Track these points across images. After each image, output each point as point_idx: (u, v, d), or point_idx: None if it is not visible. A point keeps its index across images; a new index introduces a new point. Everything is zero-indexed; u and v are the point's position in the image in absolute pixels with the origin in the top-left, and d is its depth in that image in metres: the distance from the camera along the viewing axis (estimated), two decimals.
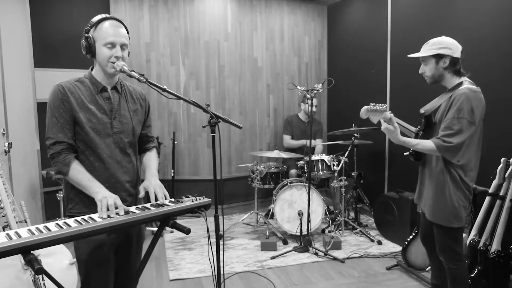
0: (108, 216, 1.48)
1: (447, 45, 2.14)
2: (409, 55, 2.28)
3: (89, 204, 1.65)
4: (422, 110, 2.23)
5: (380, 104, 2.08)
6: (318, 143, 4.78)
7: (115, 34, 1.67)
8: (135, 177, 1.85)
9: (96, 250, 1.68)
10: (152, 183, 1.73)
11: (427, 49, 2.17)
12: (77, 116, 1.67)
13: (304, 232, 3.65)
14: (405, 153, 2.53)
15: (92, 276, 1.71)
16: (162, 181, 1.83)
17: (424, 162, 2.30)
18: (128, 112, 1.81)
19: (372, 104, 2.08)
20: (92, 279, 1.72)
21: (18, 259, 2.23)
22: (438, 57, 2.13)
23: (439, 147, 2.04)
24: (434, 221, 2.20)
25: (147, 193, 1.73)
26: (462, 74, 2.17)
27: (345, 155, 4.01)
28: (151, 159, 1.94)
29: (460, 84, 2.13)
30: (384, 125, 2.10)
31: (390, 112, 2.12)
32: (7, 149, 2.90)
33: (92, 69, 1.78)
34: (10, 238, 1.25)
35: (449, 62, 2.12)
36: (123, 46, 1.70)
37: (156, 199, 1.68)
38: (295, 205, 3.80)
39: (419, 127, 2.31)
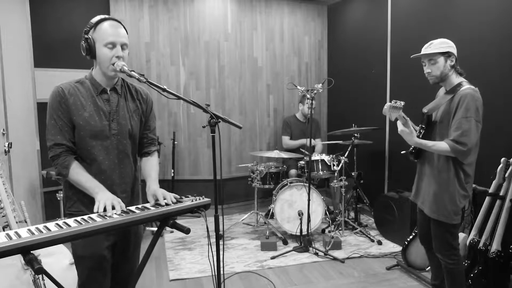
0: (107, 216, 1.48)
1: (451, 44, 2.21)
2: (420, 54, 2.25)
3: (87, 203, 1.65)
4: (425, 110, 2.28)
5: (400, 102, 2.12)
6: (318, 143, 4.79)
7: (115, 34, 1.67)
8: (132, 178, 1.85)
9: (92, 246, 1.69)
10: (159, 190, 1.73)
11: (437, 47, 2.19)
12: (74, 119, 1.67)
13: (304, 232, 3.65)
14: (402, 152, 2.55)
15: (89, 272, 1.72)
16: (162, 181, 1.83)
17: (424, 159, 2.33)
18: (127, 112, 1.80)
19: (393, 101, 2.12)
20: (89, 275, 1.72)
21: (18, 259, 2.23)
22: (447, 55, 2.18)
23: (454, 149, 2.09)
24: (435, 217, 2.24)
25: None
26: (461, 75, 2.24)
27: (345, 155, 4.01)
28: (152, 168, 1.89)
29: (460, 84, 2.17)
30: (400, 128, 2.18)
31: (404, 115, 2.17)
32: (7, 149, 2.90)
33: (92, 70, 1.78)
34: (10, 238, 1.25)
35: (455, 61, 2.19)
36: (123, 46, 1.69)
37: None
38: (295, 205, 3.80)
39: (420, 125, 2.33)
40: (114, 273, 1.82)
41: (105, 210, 1.51)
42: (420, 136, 2.27)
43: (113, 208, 1.53)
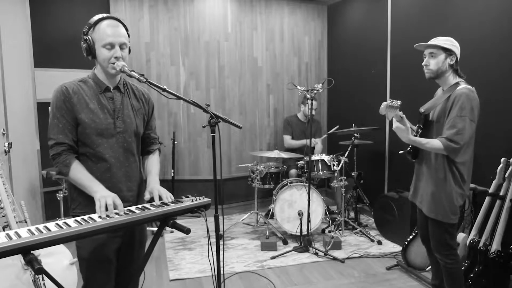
0: (108, 216, 1.47)
1: (456, 44, 2.22)
2: (423, 43, 2.26)
3: (92, 204, 1.64)
4: (422, 109, 2.29)
5: (396, 101, 2.12)
6: (318, 142, 4.78)
7: (113, 34, 1.66)
8: (138, 177, 1.85)
9: (98, 248, 1.69)
10: (156, 187, 1.74)
11: (441, 42, 2.20)
12: (79, 117, 1.67)
13: (304, 232, 3.65)
14: (400, 152, 2.55)
15: (93, 274, 1.72)
16: (162, 181, 1.83)
17: (421, 159, 2.34)
18: (132, 111, 1.81)
19: (390, 100, 2.12)
20: (94, 277, 1.72)
21: (18, 259, 2.23)
22: (449, 53, 2.19)
23: (446, 147, 2.10)
24: (433, 216, 2.25)
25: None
26: (459, 76, 2.24)
27: (345, 155, 4.01)
28: (153, 165, 1.92)
29: (457, 84, 2.19)
30: (395, 124, 2.16)
31: (401, 112, 2.16)
32: (7, 149, 2.90)
33: (95, 69, 1.78)
34: (10, 238, 1.25)
35: (455, 61, 2.20)
36: (122, 46, 1.69)
37: (161, 199, 1.69)
38: (295, 205, 3.80)
39: (418, 125, 2.34)
40: (117, 274, 1.82)
41: (107, 209, 1.51)
42: (418, 136, 2.27)
43: (115, 207, 1.53)
